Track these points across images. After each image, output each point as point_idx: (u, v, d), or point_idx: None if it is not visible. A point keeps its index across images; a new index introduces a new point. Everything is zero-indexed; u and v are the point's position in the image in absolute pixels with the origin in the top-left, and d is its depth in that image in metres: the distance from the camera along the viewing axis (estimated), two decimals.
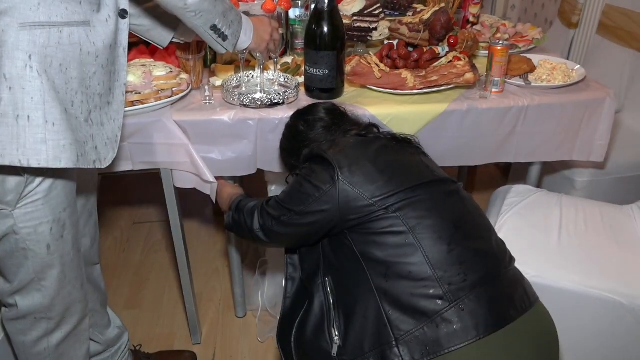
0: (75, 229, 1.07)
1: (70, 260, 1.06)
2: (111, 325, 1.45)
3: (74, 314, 1.14)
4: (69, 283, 1.09)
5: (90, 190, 1.23)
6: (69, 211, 1.02)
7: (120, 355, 1.48)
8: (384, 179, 1.02)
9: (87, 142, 0.94)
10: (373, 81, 1.48)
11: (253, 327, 1.79)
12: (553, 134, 1.53)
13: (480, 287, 0.95)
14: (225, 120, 1.38)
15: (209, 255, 2.13)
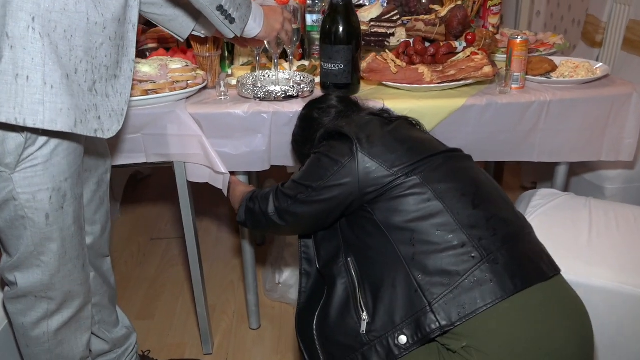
0: (78, 205, 1.04)
1: (70, 235, 1.03)
2: (119, 324, 1.40)
3: (75, 297, 1.10)
4: (70, 261, 1.05)
5: (101, 175, 1.22)
6: (71, 182, 1.00)
7: (128, 356, 1.43)
8: (403, 148, 1.02)
9: (89, 111, 0.93)
10: (389, 77, 1.46)
11: (267, 338, 1.72)
12: (578, 131, 1.47)
13: (511, 242, 0.93)
14: (240, 113, 1.37)
15: (224, 269, 2.08)
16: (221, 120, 1.37)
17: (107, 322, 1.36)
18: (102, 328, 1.35)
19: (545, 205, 1.51)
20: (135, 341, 1.45)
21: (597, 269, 1.25)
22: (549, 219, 1.44)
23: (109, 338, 1.36)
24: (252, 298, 1.70)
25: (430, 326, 0.87)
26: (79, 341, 1.17)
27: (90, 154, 1.15)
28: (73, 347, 1.16)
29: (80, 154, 1.02)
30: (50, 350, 1.13)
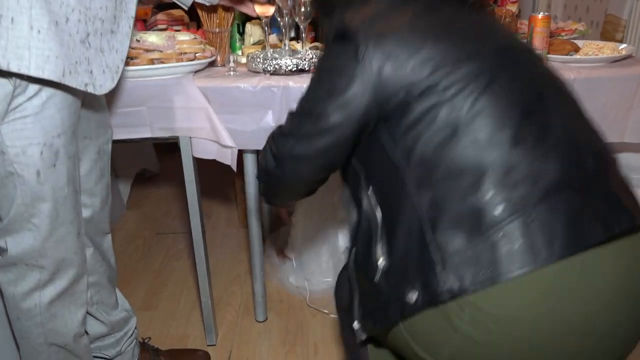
0: (72, 165, 0.99)
1: (63, 197, 0.98)
2: (118, 307, 1.34)
3: (68, 267, 1.04)
4: (62, 225, 0.99)
5: (102, 145, 1.16)
6: (64, 140, 0.94)
7: (127, 342, 1.35)
8: (431, 46, 0.76)
9: (80, 63, 0.89)
10: None
11: (274, 331, 1.64)
12: (602, 111, 1.40)
13: (558, 193, 0.71)
14: (249, 87, 1.32)
15: (231, 263, 2.02)
16: (229, 94, 1.32)
17: (106, 304, 1.29)
18: (100, 309, 1.28)
19: None
20: (134, 325, 1.38)
21: None
22: None
23: (107, 320, 1.29)
24: (259, 288, 1.63)
25: (439, 287, 0.72)
26: (74, 316, 1.10)
27: (90, 119, 1.10)
28: (67, 322, 1.10)
29: (75, 111, 0.97)
30: (42, 323, 1.07)
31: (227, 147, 1.31)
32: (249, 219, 1.52)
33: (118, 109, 1.30)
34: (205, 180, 2.73)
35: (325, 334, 1.62)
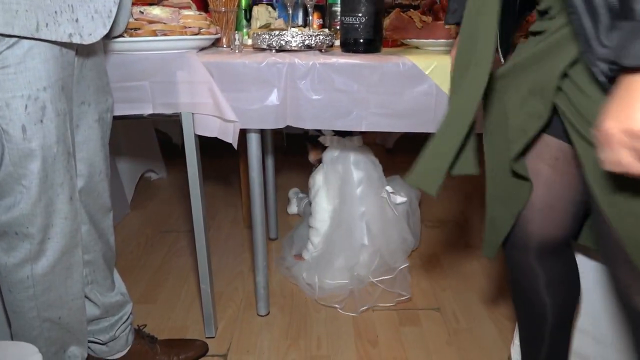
0: (63, 123, 0.94)
1: (52, 156, 0.93)
2: (114, 290, 1.28)
3: (59, 234, 0.99)
4: (51, 187, 0.95)
5: (102, 113, 1.12)
6: (52, 94, 0.90)
7: (121, 327, 1.30)
8: None
9: (61, 13, 0.85)
10: (414, 33, 1.37)
11: (276, 325, 1.57)
12: None
13: None
14: (254, 63, 1.28)
15: (234, 261, 1.96)
16: (234, 70, 1.29)
17: (101, 285, 1.24)
18: (95, 290, 1.23)
19: None
20: (130, 311, 1.33)
21: None
22: None
23: (100, 302, 1.24)
24: (262, 280, 1.57)
25: None
26: (70, 288, 1.05)
27: (89, 83, 1.07)
28: (62, 295, 1.04)
29: (65, 65, 0.93)
30: (35, 296, 1.02)
31: (230, 121, 1.27)
32: (252, 201, 1.47)
33: (119, 83, 1.27)
34: (211, 183, 2.72)
35: (329, 328, 1.55)
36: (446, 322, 1.57)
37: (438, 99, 1.33)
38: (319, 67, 1.30)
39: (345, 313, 1.62)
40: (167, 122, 3.12)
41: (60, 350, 1.11)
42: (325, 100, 1.33)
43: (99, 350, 1.30)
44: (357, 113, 1.34)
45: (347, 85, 1.31)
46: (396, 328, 1.54)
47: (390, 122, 1.35)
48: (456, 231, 2.17)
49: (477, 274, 1.84)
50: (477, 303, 1.66)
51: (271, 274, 1.85)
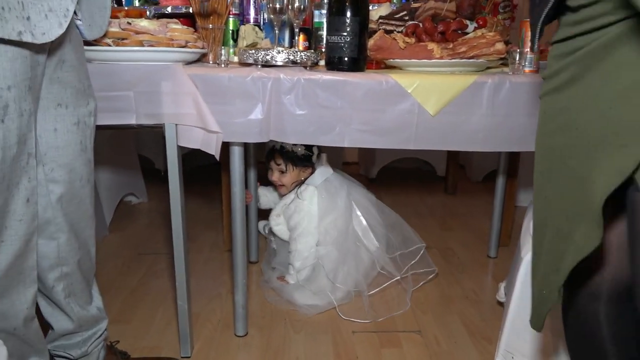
0: (26, 125, 0.91)
1: (11, 157, 0.89)
2: (91, 304, 1.25)
3: (12, 237, 0.94)
4: (7, 188, 0.91)
5: (82, 117, 1.10)
6: (16, 93, 0.87)
7: (94, 342, 1.25)
8: None
9: (9, 10, 0.82)
10: (397, 54, 1.40)
11: (254, 346, 1.53)
12: None
13: None
14: (239, 77, 1.30)
15: (213, 284, 1.92)
16: (219, 83, 1.30)
17: (79, 297, 1.20)
18: (72, 303, 1.19)
19: None
20: (105, 327, 1.29)
21: None
22: None
23: (76, 316, 1.20)
24: (240, 299, 1.54)
25: None
26: (22, 296, 1.00)
27: (66, 85, 1.05)
28: (15, 302, 0.99)
29: (34, 64, 0.91)
30: None
31: (213, 132, 1.27)
32: (233, 215, 1.46)
33: (103, 92, 1.26)
34: (192, 208, 2.69)
35: (308, 349, 1.51)
36: (427, 344, 1.54)
37: (420, 117, 1.35)
38: (303, 83, 1.32)
39: (325, 334, 1.59)
40: (151, 147, 3.11)
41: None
42: (309, 116, 1.34)
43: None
44: (340, 129, 1.35)
45: (331, 101, 1.33)
46: (377, 350, 1.52)
47: (373, 139, 1.37)
48: (437, 256, 2.16)
49: (459, 297, 1.82)
50: (458, 326, 1.64)
51: (250, 295, 1.82)
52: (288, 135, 1.36)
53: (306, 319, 1.67)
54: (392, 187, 2.23)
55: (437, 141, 1.39)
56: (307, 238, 1.79)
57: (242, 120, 1.33)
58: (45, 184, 1.07)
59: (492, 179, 2.29)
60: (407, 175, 3.42)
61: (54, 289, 1.15)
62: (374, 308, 1.74)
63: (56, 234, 1.12)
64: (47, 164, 1.06)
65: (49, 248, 1.12)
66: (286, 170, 1.84)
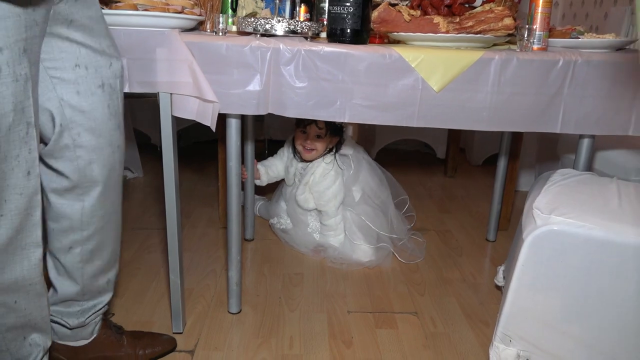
0: (22, 91, 0.86)
1: (7, 126, 0.84)
2: (104, 275, 1.21)
3: (13, 211, 0.90)
4: (4, 160, 0.86)
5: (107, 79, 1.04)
6: (9, 56, 0.82)
7: (92, 315, 1.22)
8: None
9: None
10: (402, 27, 1.35)
11: (247, 323, 1.51)
12: (606, 98, 1.35)
13: None
14: (237, 46, 1.25)
15: (207, 260, 1.89)
16: (216, 52, 1.25)
17: (94, 264, 1.17)
18: (84, 270, 1.15)
19: (567, 179, 1.36)
20: (107, 302, 1.25)
21: (630, 227, 1.09)
22: (572, 191, 1.29)
23: (83, 283, 1.16)
24: (234, 275, 1.51)
25: None
26: (25, 271, 0.96)
27: (83, 44, 1.00)
28: (17, 278, 0.95)
29: (30, 24, 0.85)
30: None
31: (209, 102, 1.23)
32: (229, 191, 1.42)
33: None
34: (189, 184, 2.65)
35: (302, 328, 1.49)
36: (423, 326, 1.52)
37: (423, 93, 1.31)
38: (304, 54, 1.27)
39: (320, 314, 1.56)
40: (147, 121, 3.06)
41: (19, 337, 1.02)
42: (309, 88, 1.29)
43: (62, 334, 1.22)
44: (341, 103, 1.31)
45: (332, 74, 1.29)
46: (372, 330, 1.49)
47: (374, 114, 1.33)
48: (436, 239, 2.13)
49: (456, 280, 1.80)
50: (455, 309, 1.62)
51: (245, 272, 1.79)
52: (287, 108, 1.31)
53: (301, 297, 1.65)
54: (391, 169, 2.19)
55: (441, 119, 1.34)
56: (336, 200, 1.93)
57: (240, 92, 1.28)
58: (74, 148, 1.04)
59: (492, 162, 2.25)
60: (407, 157, 3.38)
61: (71, 251, 1.13)
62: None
63: (82, 197, 1.09)
64: (74, 129, 1.03)
65: (73, 209, 1.09)
66: (325, 135, 1.92)
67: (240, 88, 1.28)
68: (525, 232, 1.22)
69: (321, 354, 1.38)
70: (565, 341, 1.22)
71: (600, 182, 1.35)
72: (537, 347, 1.24)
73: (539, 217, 1.19)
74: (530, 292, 1.21)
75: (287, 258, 1.93)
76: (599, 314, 1.17)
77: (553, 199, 1.25)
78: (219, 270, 1.81)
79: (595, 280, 1.14)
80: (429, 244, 2.08)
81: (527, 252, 1.19)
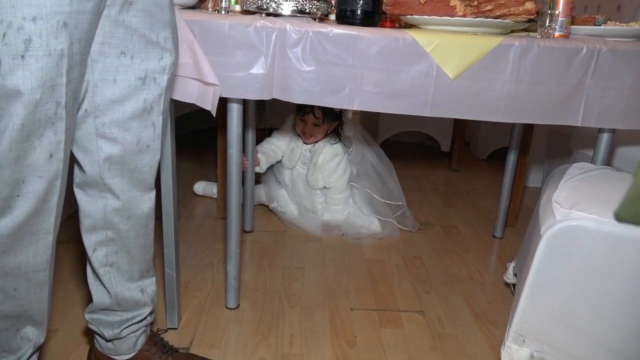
0: (55, 66, 0.78)
1: (33, 104, 0.77)
2: (135, 283, 1.11)
3: (30, 193, 0.83)
4: (27, 138, 0.79)
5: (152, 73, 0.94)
6: (43, 27, 0.74)
7: (130, 327, 1.12)
8: None
9: None
10: (416, 9, 1.28)
11: (245, 319, 1.44)
12: (629, 90, 1.27)
13: None
14: (240, 26, 1.17)
15: (204, 251, 1.82)
16: (219, 31, 1.17)
17: (121, 270, 1.07)
18: (111, 275, 1.06)
19: (585, 173, 1.29)
20: (147, 314, 1.15)
21: None
22: (591, 185, 1.22)
23: (113, 291, 1.07)
24: (233, 269, 1.44)
25: None
26: (32, 259, 0.89)
27: (132, 31, 0.90)
28: (22, 263, 0.88)
29: None
30: None
31: (210, 85, 1.15)
32: (229, 180, 1.35)
33: None
34: (186, 173, 2.57)
35: (304, 325, 1.42)
36: (430, 326, 1.45)
37: (438, 80, 1.23)
38: (312, 36, 1.19)
39: (321, 311, 1.49)
40: None
41: (12, 328, 0.94)
42: (316, 73, 1.22)
43: (105, 346, 1.14)
44: (350, 89, 1.23)
45: (341, 58, 1.21)
46: (376, 329, 1.42)
47: (385, 102, 1.25)
48: (441, 234, 2.07)
49: (463, 277, 1.73)
50: (462, 307, 1.55)
51: (244, 265, 1.72)
52: (293, 93, 1.23)
53: (302, 293, 1.58)
54: (394, 161, 2.14)
55: (456, 108, 1.27)
56: (345, 176, 2.03)
57: (242, 74, 1.20)
58: (95, 138, 0.95)
59: (497, 157, 2.18)
60: (410, 149, 3.30)
61: (95, 253, 1.04)
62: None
63: (104, 194, 1.00)
64: (99, 117, 0.93)
65: (95, 207, 1.00)
66: (323, 123, 1.99)
67: (243, 71, 1.20)
68: (543, 227, 1.15)
69: (323, 353, 1.31)
70: (583, 342, 1.16)
71: (619, 177, 1.28)
72: (552, 347, 1.18)
73: (559, 212, 1.12)
74: (547, 290, 1.15)
75: (287, 251, 1.86)
76: (620, 314, 1.11)
77: (572, 193, 1.18)
78: (216, 263, 1.74)
79: (616, 279, 1.08)
80: (434, 239, 2.02)
81: (545, 248, 1.12)
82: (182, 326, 1.39)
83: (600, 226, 1.07)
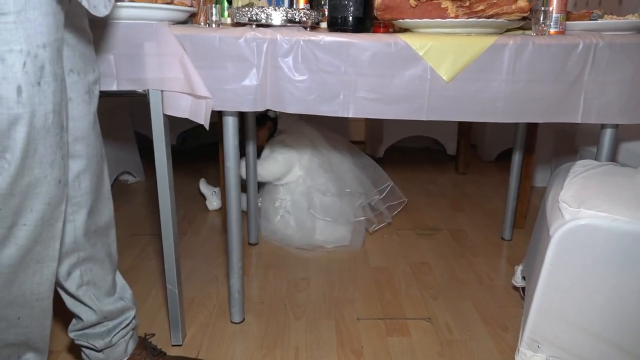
0: (59, 89, 0.81)
1: (45, 129, 0.79)
2: (115, 294, 1.13)
3: (38, 221, 0.84)
4: (39, 165, 0.81)
5: (91, 85, 0.99)
6: (50, 54, 0.78)
7: (119, 333, 1.14)
8: None
9: None
10: (407, 13, 1.26)
11: (251, 333, 1.42)
12: (631, 84, 1.25)
13: None
14: (231, 38, 1.17)
15: (209, 266, 1.81)
16: (209, 45, 1.17)
17: (99, 287, 1.08)
18: (90, 293, 1.07)
19: (590, 170, 1.26)
20: (132, 316, 1.17)
21: None
22: (597, 182, 1.19)
23: (97, 307, 1.08)
24: (236, 283, 1.42)
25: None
26: (37, 287, 0.90)
27: (74, 49, 0.93)
28: (26, 292, 0.89)
29: (59, 24, 0.80)
30: None
31: (202, 98, 1.15)
32: (227, 192, 1.34)
33: None
34: (191, 188, 2.57)
35: (309, 337, 1.40)
36: (438, 333, 1.43)
37: (432, 83, 1.22)
38: (303, 45, 1.18)
39: (327, 321, 1.47)
40: (149, 124, 2.98)
41: (14, 355, 0.95)
42: (309, 82, 1.21)
43: (95, 358, 1.15)
44: (344, 97, 1.22)
45: (334, 65, 1.20)
46: (383, 338, 1.40)
47: (380, 108, 1.24)
48: (449, 239, 2.04)
49: (472, 282, 1.70)
50: (471, 313, 1.52)
51: (248, 279, 1.71)
52: (286, 103, 1.22)
53: (307, 304, 1.56)
54: (401, 167, 2.12)
55: (452, 111, 1.25)
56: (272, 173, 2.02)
57: (235, 87, 1.20)
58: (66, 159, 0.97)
59: (505, 158, 2.16)
60: (416, 154, 3.28)
61: (70, 277, 1.05)
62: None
63: (72, 215, 1.00)
64: None
65: (65, 232, 1.00)
66: (261, 128, 2.14)
67: (235, 83, 1.19)
68: (552, 228, 1.12)
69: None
70: (599, 345, 1.13)
71: (625, 172, 1.25)
72: (568, 352, 1.15)
73: (567, 211, 1.09)
74: (560, 292, 1.12)
75: (292, 262, 1.84)
76: (636, 315, 1.08)
77: (579, 191, 1.15)
78: (221, 278, 1.73)
79: (631, 278, 1.05)
80: (441, 243, 1.99)
81: (555, 249, 1.10)
82: (186, 342, 1.38)
83: (612, 223, 1.04)
